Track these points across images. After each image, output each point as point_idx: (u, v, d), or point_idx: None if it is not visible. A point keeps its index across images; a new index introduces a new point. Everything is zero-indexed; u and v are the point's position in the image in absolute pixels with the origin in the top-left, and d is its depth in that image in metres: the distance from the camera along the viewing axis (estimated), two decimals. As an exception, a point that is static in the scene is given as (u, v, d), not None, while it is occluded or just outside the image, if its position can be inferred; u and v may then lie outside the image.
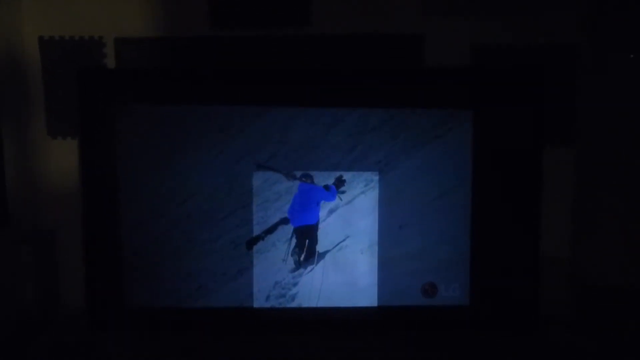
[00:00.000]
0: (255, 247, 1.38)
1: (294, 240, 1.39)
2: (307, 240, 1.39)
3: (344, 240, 1.39)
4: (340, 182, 1.37)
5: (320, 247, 1.39)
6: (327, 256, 1.39)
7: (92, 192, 1.37)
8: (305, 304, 1.40)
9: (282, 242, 1.38)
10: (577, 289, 1.45)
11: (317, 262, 1.39)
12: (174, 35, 1.39)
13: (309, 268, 1.39)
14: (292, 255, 1.39)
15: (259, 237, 1.38)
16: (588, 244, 1.45)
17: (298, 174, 1.36)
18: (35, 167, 1.43)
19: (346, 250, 1.39)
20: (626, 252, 1.44)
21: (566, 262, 1.45)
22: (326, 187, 1.37)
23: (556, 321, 1.43)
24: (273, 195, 1.37)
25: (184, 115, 1.34)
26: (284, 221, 1.38)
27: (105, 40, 1.39)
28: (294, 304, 1.40)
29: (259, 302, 1.40)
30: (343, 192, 1.37)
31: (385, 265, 1.40)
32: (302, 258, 1.39)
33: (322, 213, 1.38)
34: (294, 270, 1.39)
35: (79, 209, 1.38)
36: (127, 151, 1.34)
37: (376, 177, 1.37)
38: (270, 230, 1.38)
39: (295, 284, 1.39)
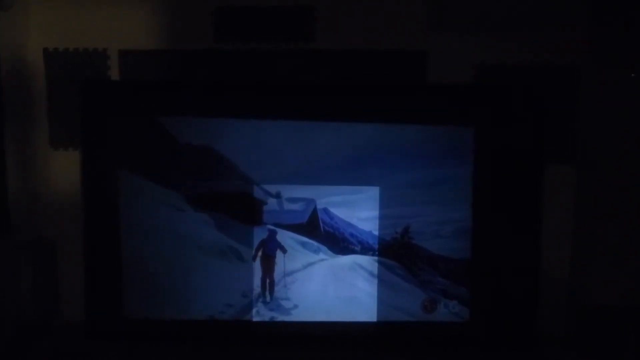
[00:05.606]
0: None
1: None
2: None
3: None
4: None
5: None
6: (328, 270, 1.40)
7: (92, 203, 1.37)
8: (304, 318, 1.40)
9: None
10: (576, 307, 1.45)
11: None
12: (178, 48, 1.40)
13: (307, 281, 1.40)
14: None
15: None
16: (587, 263, 1.45)
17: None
18: (37, 177, 1.44)
19: (346, 265, 1.40)
20: (625, 272, 1.44)
21: (565, 281, 1.45)
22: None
23: (554, 339, 1.43)
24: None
25: (186, 128, 1.34)
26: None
27: (110, 52, 1.40)
28: (293, 318, 1.40)
29: (257, 316, 1.40)
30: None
31: (385, 280, 1.40)
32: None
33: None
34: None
35: (80, 219, 1.38)
36: (128, 163, 1.35)
37: (377, 193, 1.38)
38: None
39: (294, 297, 1.40)
